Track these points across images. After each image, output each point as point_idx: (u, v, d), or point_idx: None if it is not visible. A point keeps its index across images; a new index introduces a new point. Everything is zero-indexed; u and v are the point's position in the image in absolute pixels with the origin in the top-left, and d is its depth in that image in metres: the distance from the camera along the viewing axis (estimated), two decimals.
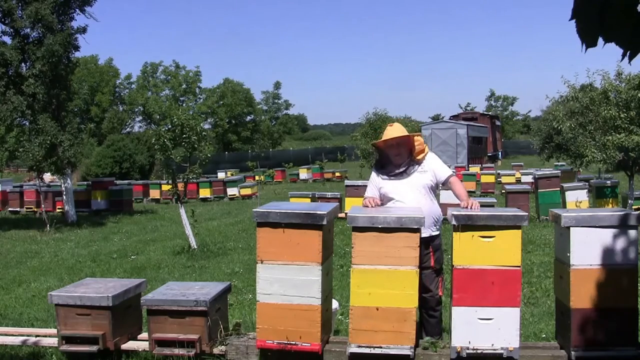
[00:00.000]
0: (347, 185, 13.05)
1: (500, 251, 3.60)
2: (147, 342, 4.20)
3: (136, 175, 29.07)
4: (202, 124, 10.20)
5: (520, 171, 21.16)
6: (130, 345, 4.32)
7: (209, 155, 9.92)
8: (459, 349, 3.64)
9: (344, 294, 5.55)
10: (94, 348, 4.13)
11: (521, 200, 11.43)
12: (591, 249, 3.61)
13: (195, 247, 9.37)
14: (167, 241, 10.86)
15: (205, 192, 20.02)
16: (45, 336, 4.65)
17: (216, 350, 4.10)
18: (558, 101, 16.91)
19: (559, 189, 11.94)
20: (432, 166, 4.18)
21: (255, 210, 3.84)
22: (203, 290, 4.26)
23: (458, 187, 4.14)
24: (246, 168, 26.97)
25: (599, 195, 12.12)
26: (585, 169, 18.83)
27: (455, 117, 39.61)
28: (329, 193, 13.05)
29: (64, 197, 15.00)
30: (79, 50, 14.45)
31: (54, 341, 4.38)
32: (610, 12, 1.55)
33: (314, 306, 3.73)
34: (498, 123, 46.18)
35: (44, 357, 4.40)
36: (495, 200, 9.90)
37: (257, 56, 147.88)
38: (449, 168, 4.35)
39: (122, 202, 16.91)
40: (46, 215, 13.62)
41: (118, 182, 19.83)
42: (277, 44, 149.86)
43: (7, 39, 13.80)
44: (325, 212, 3.71)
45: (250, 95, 55.80)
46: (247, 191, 20.17)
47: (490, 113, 48.02)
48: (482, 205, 3.93)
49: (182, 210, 9.48)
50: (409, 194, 4.10)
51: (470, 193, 5.77)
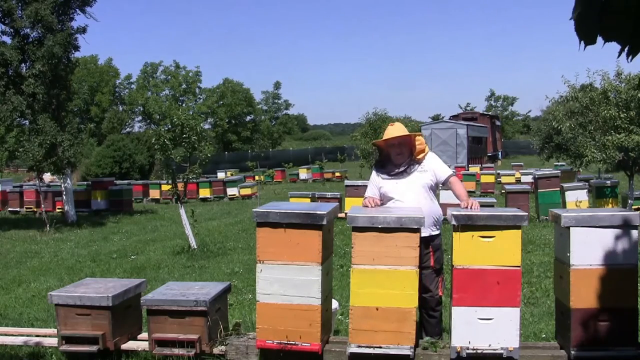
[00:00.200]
0: (347, 185, 13.05)
1: (500, 251, 3.60)
2: (147, 342, 4.20)
3: (136, 175, 29.06)
4: (202, 124, 10.20)
5: (520, 171, 21.16)
6: (130, 345, 4.32)
7: (209, 155, 9.92)
8: (458, 349, 3.64)
9: (344, 294, 5.54)
10: (94, 348, 4.13)
11: (521, 200, 11.43)
12: (591, 249, 3.61)
13: (195, 247, 9.37)
14: (167, 241, 10.86)
15: (205, 192, 20.02)
16: (45, 336, 4.65)
17: (216, 350, 4.10)
18: (558, 101, 16.91)
19: (558, 189, 11.94)
20: (432, 166, 4.18)
21: (255, 210, 3.84)
22: (203, 290, 4.26)
23: (458, 187, 4.14)
24: (246, 168, 26.95)
25: (598, 195, 12.12)
26: (585, 169, 18.83)
27: (455, 117, 39.62)
28: (329, 193, 13.06)
29: (64, 197, 15.01)
30: (79, 50, 14.47)
31: (54, 341, 4.38)
32: (611, 11, 1.55)
33: (314, 306, 3.73)
34: (498, 123, 46.20)
35: (44, 357, 4.40)
36: (495, 200, 9.90)
37: (257, 56, 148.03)
38: (449, 168, 4.35)
39: (122, 202, 16.91)
40: (46, 215, 13.62)
41: (118, 182, 19.83)
42: (277, 44, 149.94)
43: (7, 39, 13.83)
44: (325, 212, 3.71)
45: (250, 95, 55.80)
46: (247, 191, 20.18)
47: (490, 113, 48.02)
48: (482, 205, 3.93)
49: (182, 210, 9.48)
50: (409, 194, 4.10)
51: (470, 193, 5.77)
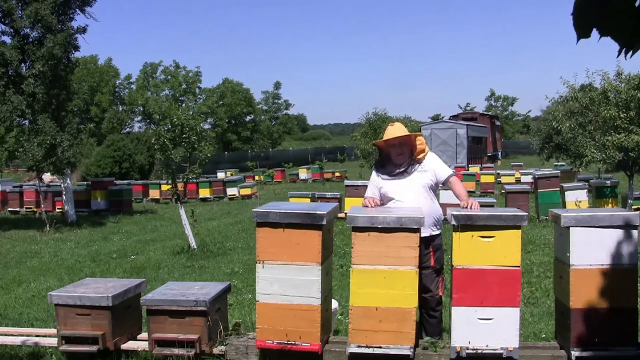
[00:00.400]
0: (346, 185, 13.04)
1: (500, 251, 3.60)
2: (147, 342, 4.20)
3: (136, 175, 29.05)
4: (202, 124, 10.20)
5: (520, 171, 21.17)
6: (130, 345, 4.32)
7: (209, 155, 9.91)
8: (458, 349, 3.64)
9: (344, 294, 5.54)
10: (93, 348, 4.13)
11: (521, 200, 11.43)
12: (591, 249, 3.61)
13: (195, 247, 9.37)
14: (166, 241, 10.86)
15: (205, 192, 20.02)
16: (45, 336, 4.65)
17: (216, 350, 4.10)
18: (558, 101, 16.90)
19: (558, 189, 11.94)
20: (433, 166, 4.18)
21: (255, 210, 3.84)
22: (203, 290, 4.26)
23: (458, 187, 4.13)
24: (246, 168, 26.97)
25: (598, 195, 12.12)
26: (585, 169, 18.84)
27: (455, 117, 39.63)
28: (329, 193, 13.06)
29: (64, 197, 15.01)
30: (78, 50, 14.46)
31: (54, 341, 4.38)
32: (610, 8, 1.55)
33: (313, 306, 3.73)
34: (498, 123, 46.20)
35: (43, 357, 4.40)
36: (495, 200, 9.90)
37: (257, 56, 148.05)
38: (449, 168, 4.35)
39: (122, 202, 16.90)
40: (46, 215, 13.61)
41: (118, 182, 19.81)
42: (277, 44, 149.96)
43: (7, 39, 13.83)
44: (325, 212, 3.71)
45: (249, 95, 55.79)
46: (246, 191, 20.18)
47: (490, 113, 48.02)
48: (482, 205, 3.93)
49: (182, 210, 9.48)
50: (409, 194, 4.10)
51: (470, 193, 5.76)
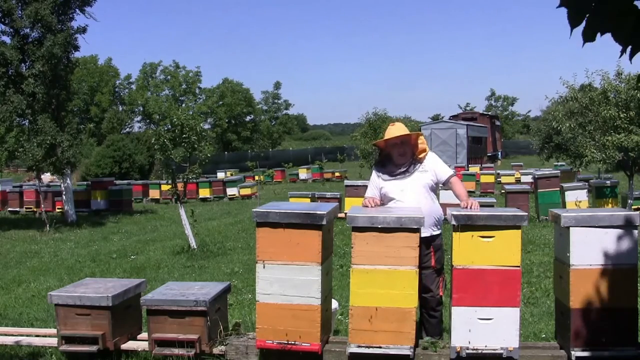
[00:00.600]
0: (346, 185, 13.04)
1: (499, 251, 3.60)
2: (147, 342, 4.20)
3: (136, 175, 29.03)
4: (202, 124, 10.20)
5: (520, 171, 21.18)
6: (130, 345, 4.32)
7: (209, 155, 9.92)
8: (458, 349, 3.64)
9: (344, 294, 5.54)
10: (93, 348, 4.13)
11: (521, 200, 11.43)
12: (591, 249, 3.61)
13: (195, 247, 9.37)
14: (166, 241, 10.86)
15: (204, 192, 20.02)
16: (44, 336, 4.65)
17: (216, 350, 4.10)
18: (557, 101, 16.91)
19: (558, 189, 11.94)
20: (433, 166, 4.17)
21: (254, 210, 3.84)
22: (203, 290, 4.26)
23: (458, 187, 4.13)
24: (246, 168, 26.95)
25: (598, 195, 12.12)
26: (584, 169, 18.84)
27: (454, 117, 39.63)
28: (329, 193, 13.06)
29: (64, 197, 15.00)
30: (78, 50, 14.48)
31: (54, 341, 4.38)
32: (611, 9, 1.55)
33: (313, 306, 3.73)
34: (498, 123, 46.20)
35: (43, 357, 4.40)
36: (495, 200, 9.90)
37: (257, 56, 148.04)
38: (450, 168, 4.35)
39: (122, 202, 16.91)
40: (46, 215, 13.61)
41: (118, 182, 19.82)
42: (277, 44, 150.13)
43: (7, 39, 13.83)
44: (325, 212, 3.71)
45: (249, 95, 55.78)
46: (246, 191, 20.17)
47: (490, 113, 48.02)
48: (482, 205, 3.93)
49: (182, 210, 9.48)
50: (409, 194, 4.09)
51: (470, 193, 5.76)
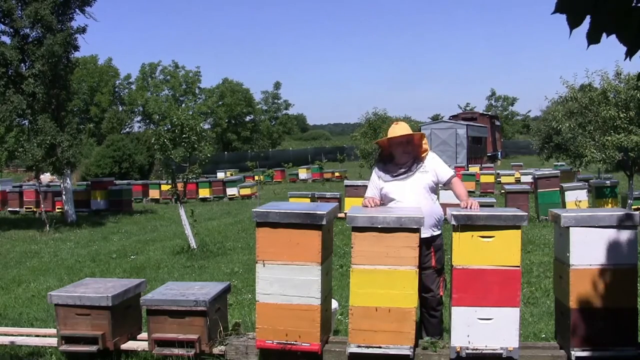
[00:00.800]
0: (346, 185, 13.04)
1: (499, 251, 3.60)
2: (147, 342, 4.20)
3: (136, 175, 29.03)
4: (201, 124, 10.20)
5: (520, 171, 21.18)
6: (129, 345, 4.32)
7: (209, 155, 9.92)
8: (458, 349, 3.64)
9: (344, 294, 5.54)
10: (93, 348, 4.13)
11: (521, 200, 11.44)
12: (591, 249, 3.61)
13: (195, 247, 9.37)
14: (166, 241, 10.86)
15: (204, 192, 20.02)
16: (44, 336, 4.65)
17: (216, 350, 4.09)
18: (557, 101, 16.91)
19: (558, 189, 11.94)
20: (434, 166, 4.17)
21: (254, 210, 3.84)
22: (203, 290, 4.26)
23: (459, 187, 4.13)
24: (246, 168, 26.93)
25: (598, 195, 12.12)
26: (584, 169, 18.85)
27: (454, 117, 39.62)
28: (329, 193, 13.06)
29: (64, 197, 15.00)
30: (78, 50, 14.48)
31: (54, 341, 4.38)
32: (618, 10, 1.54)
33: (313, 306, 3.73)
34: (498, 123, 46.19)
35: (43, 357, 4.40)
36: (495, 200, 9.91)
37: (257, 56, 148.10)
38: (450, 168, 4.35)
39: (122, 202, 16.91)
40: (46, 215, 13.61)
41: (117, 182, 19.82)
42: (277, 44, 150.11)
43: (6, 39, 13.83)
44: (325, 212, 3.71)
45: (249, 95, 55.77)
46: (246, 191, 20.18)
47: (489, 113, 48.02)
48: (482, 205, 3.93)
49: (182, 210, 9.48)
50: (410, 195, 4.09)
51: (470, 193, 5.76)
